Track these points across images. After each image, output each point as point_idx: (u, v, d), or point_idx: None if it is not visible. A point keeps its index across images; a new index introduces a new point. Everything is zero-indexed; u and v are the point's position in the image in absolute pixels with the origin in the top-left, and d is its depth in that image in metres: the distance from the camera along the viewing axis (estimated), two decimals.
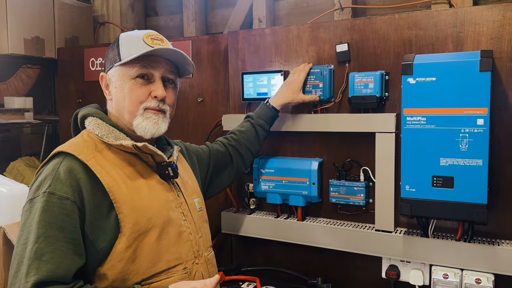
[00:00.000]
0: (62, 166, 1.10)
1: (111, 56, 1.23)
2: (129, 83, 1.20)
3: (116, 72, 1.21)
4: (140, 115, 1.20)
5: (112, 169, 1.14)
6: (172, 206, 1.22)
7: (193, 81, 2.17)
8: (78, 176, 1.09)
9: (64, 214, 1.05)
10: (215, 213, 1.99)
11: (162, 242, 1.16)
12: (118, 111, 1.23)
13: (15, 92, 2.98)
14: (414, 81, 1.46)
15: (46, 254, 1.01)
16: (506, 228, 1.52)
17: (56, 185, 1.07)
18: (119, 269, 1.10)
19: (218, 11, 2.86)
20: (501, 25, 1.48)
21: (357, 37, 1.70)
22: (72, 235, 1.05)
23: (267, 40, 1.88)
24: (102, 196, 1.10)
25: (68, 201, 1.06)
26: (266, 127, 1.70)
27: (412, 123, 1.47)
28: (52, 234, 1.03)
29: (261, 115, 1.69)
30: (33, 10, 2.58)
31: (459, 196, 1.42)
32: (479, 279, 1.47)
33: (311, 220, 1.80)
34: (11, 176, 2.58)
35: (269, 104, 1.70)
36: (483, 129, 1.38)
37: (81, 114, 1.24)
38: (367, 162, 1.70)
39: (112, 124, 1.22)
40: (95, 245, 1.09)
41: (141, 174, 1.19)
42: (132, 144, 1.15)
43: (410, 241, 1.57)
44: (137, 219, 1.12)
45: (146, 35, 1.22)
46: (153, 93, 1.20)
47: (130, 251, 1.11)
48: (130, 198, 1.13)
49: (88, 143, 1.17)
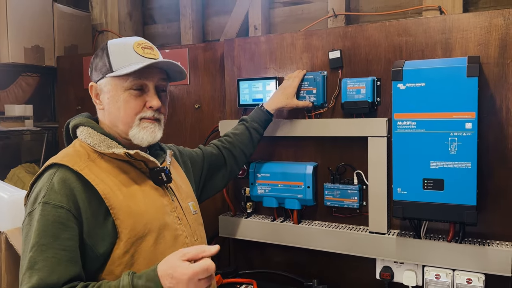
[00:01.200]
0: (55, 177, 1.11)
1: (100, 65, 1.22)
2: (123, 95, 1.20)
3: (108, 83, 1.21)
4: (137, 125, 1.21)
5: (106, 177, 1.15)
6: (167, 211, 1.24)
7: (191, 88, 2.21)
8: (72, 185, 1.10)
9: (58, 222, 1.06)
10: (212, 217, 2.02)
11: (159, 246, 1.18)
12: (111, 121, 1.24)
13: (15, 100, 3.02)
14: (404, 87, 1.50)
15: (38, 262, 1.03)
16: (495, 228, 1.55)
17: (51, 195, 1.08)
18: (117, 274, 1.12)
19: (215, 19, 2.91)
20: (488, 31, 1.52)
21: (349, 44, 1.75)
22: (67, 242, 1.06)
23: (262, 48, 1.93)
24: (98, 204, 1.12)
25: (62, 210, 1.07)
26: (260, 130, 1.73)
27: (402, 127, 1.51)
28: (46, 242, 1.04)
29: (256, 119, 1.72)
30: (33, 19, 2.62)
31: (449, 198, 1.45)
32: (470, 279, 1.50)
33: (306, 223, 1.83)
34: (11, 182, 2.61)
35: (263, 108, 1.74)
36: (471, 133, 1.42)
37: (72, 124, 1.25)
38: (360, 165, 1.74)
39: (103, 132, 1.22)
40: (95, 251, 1.11)
41: (135, 181, 1.20)
42: (124, 152, 1.16)
43: (403, 242, 1.61)
44: (134, 225, 1.14)
45: (136, 44, 1.21)
46: (149, 103, 1.21)
47: (128, 256, 1.13)
48: (126, 204, 1.15)
49: (80, 152, 1.18)
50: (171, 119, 2.27)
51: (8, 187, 1.87)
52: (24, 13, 2.55)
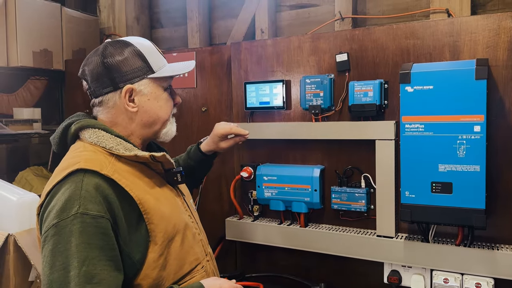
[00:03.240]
0: (85, 184, 1.05)
1: (136, 67, 1.19)
2: (163, 94, 1.25)
3: (149, 84, 1.21)
4: (171, 122, 1.29)
5: (136, 180, 1.14)
6: (183, 210, 1.26)
7: (197, 91, 2.22)
8: (106, 192, 1.06)
9: (101, 233, 1.03)
10: (219, 220, 2.03)
11: (184, 246, 1.20)
12: (147, 122, 1.22)
13: (23, 103, 3.04)
14: (412, 90, 1.50)
15: (95, 276, 1.00)
16: (505, 233, 1.54)
17: (87, 205, 1.03)
18: (153, 277, 1.12)
19: (222, 22, 2.91)
20: (496, 34, 1.52)
21: (356, 47, 1.75)
22: (111, 252, 1.04)
23: (269, 51, 1.93)
24: (130, 209, 1.10)
25: (103, 219, 1.03)
26: (195, 166, 1.65)
27: (410, 130, 1.50)
28: (95, 255, 1.01)
29: (192, 156, 1.65)
30: (42, 23, 2.65)
31: (458, 202, 1.44)
32: (479, 283, 1.49)
33: (313, 227, 1.83)
34: (19, 185, 2.62)
35: (199, 147, 1.66)
36: (480, 136, 1.41)
37: (77, 126, 1.18)
38: (367, 169, 1.73)
39: (117, 135, 1.18)
40: (132, 258, 1.09)
41: (156, 183, 1.20)
42: (149, 155, 1.15)
43: (411, 246, 1.60)
44: (166, 227, 1.14)
45: (154, 46, 1.27)
46: (177, 100, 1.30)
47: (162, 259, 1.13)
48: (158, 207, 1.14)
49: (100, 156, 1.13)
50: (178, 122, 2.26)
51: (16, 189, 1.88)
52: (32, 17, 2.58)
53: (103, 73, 1.17)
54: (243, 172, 1.93)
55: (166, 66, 1.25)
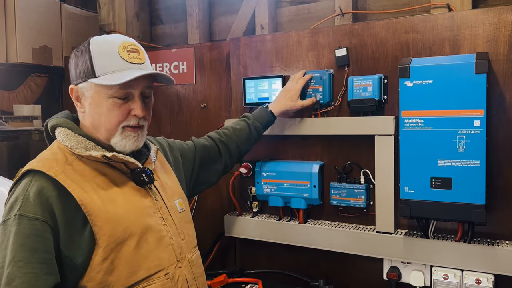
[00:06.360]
0: (31, 186, 1.08)
1: (83, 68, 1.17)
2: (106, 102, 1.15)
3: (91, 88, 1.16)
4: (119, 134, 1.18)
5: (84, 181, 1.12)
6: (150, 212, 1.20)
7: (197, 87, 2.21)
8: (48, 194, 1.07)
9: (35, 234, 1.04)
10: (218, 216, 2.02)
11: (141, 250, 1.15)
12: (94, 126, 1.20)
13: (23, 100, 3.04)
14: (411, 84, 1.48)
15: (15, 279, 1.01)
16: (505, 228, 1.52)
17: (26, 207, 1.05)
18: (98, 280, 1.09)
19: (222, 18, 2.90)
20: (497, 27, 1.50)
21: (355, 41, 1.73)
22: (45, 255, 1.04)
23: (268, 46, 1.92)
24: (74, 211, 1.09)
25: (38, 222, 1.04)
26: (261, 130, 1.71)
27: (410, 125, 1.49)
28: (24, 257, 1.02)
29: (259, 118, 1.70)
30: (41, 20, 2.64)
31: (457, 197, 1.43)
32: (479, 280, 1.48)
33: (312, 223, 1.82)
34: None
35: (268, 109, 1.72)
36: (480, 130, 1.39)
37: (50, 125, 1.21)
38: (367, 164, 1.72)
39: (82, 134, 1.18)
40: (73, 261, 1.08)
41: (115, 183, 1.17)
42: (101, 155, 1.13)
43: (411, 242, 1.59)
44: (112, 230, 1.10)
45: (122, 46, 1.16)
46: (134, 111, 1.17)
47: (107, 263, 1.09)
48: (104, 209, 1.11)
49: (58, 155, 1.15)
50: (177, 118, 2.27)
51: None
52: (32, 13, 2.57)
53: (70, 71, 1.24)
54: (242, 168, 1.92)
55: (116, 73, 1.13)
